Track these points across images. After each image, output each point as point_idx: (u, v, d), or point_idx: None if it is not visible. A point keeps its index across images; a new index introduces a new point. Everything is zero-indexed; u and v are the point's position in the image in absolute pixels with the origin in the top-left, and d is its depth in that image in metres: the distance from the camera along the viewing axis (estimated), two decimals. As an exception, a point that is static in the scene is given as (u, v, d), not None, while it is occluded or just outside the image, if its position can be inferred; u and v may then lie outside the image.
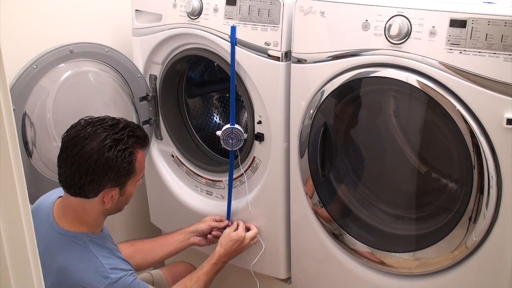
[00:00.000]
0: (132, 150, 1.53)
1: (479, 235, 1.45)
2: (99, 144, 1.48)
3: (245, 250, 1.96)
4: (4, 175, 0.75)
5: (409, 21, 1.44)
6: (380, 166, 1.91)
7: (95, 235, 1.56)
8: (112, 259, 1.54)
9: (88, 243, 1.53)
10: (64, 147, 1.51)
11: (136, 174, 1.57)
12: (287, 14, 1.68)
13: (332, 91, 1.63)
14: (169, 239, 1.98)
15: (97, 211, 1.55)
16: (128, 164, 1.51)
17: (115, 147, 1.49)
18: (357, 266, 1.77)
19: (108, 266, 1.50)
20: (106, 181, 1.50)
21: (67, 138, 1.52)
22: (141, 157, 1.58)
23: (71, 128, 1.55)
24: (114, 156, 1.48)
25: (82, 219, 1.55)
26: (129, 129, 1.55)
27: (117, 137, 1.51)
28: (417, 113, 1.64)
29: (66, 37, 1.93)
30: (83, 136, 1.49)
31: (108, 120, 1.56)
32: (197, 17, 1.89)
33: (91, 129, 1.50)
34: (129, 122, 1.59)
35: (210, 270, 1.84)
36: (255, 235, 1.98)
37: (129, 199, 1.63)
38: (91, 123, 1.53)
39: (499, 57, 1.30)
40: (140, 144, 1.57)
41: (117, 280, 1.49)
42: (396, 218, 1.76)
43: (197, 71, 2.28)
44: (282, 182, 1.88)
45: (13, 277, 0.79)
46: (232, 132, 1.90)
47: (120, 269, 1.53)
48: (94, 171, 1.47)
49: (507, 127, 1.32)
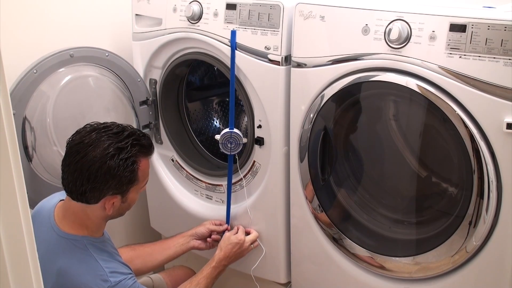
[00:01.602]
0: (135, 159, 1.52)
1: (479, 239, 1.45)
2: (102, 152, 1.47)
3: (245, 254, 1.95)
4: (4, 179, 0.75)
5: (409, 25, 1.44)
6: (380, 170, 1.91)
7: (96, 239, 1.56)
8: (112, 263, 1.54)
9: (89, 246, 1.53)
10: (68, 153, 1.52)
11: (139, 182, 1.57)
12: (287, 18, 1.68)
13: (332, 95, 1.63)
14: (169, 243, 1.98)
15: (98, 216, 1.55)
16: (130, 173, 1.51)
17: (118, 155, 1.49)
18: (357, 270, 1.77)
19: (108, 269, 1.50)
20: (107, 189, 1.50)
21: (72, 144, 1.52)
22: (144, 165, 1.57)
23: (77, 133, 1.55)
24: (116, 164, 1.48)
25: (83, 223, 1.55)
26: (134, 137, 1.54)
27: (120, 146, 1.50)
28: (417, 118, 1.64)
29: (66, 41, 1.93)
30: (87, 142, 1.49)
31: (114, 127, 1.55)
32: (197, 21, 1.89)
33: (96, 136, 1.50)
34: (134, 130, 1.59)
35: (210, 274, 1.84)
36: (255, 239, 1.98)
37: (131, 206, 1.62)
38: (97, 129, 1.53)
39: (499, 61, 1.30)
40: (143, 153, 1.57)
41: (117, 283, 1.49)
42: (396, 222, 1.76)
43: (197, 75, 2.29)
44: (282, 186, 1.88)
45: (13, 281, 0.79)
46: (231, 136, 1.90)
47: (120, 272, 1.53)
48: (95, 178, 1.47)
49: (507, 132, 1.32)
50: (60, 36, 2.09)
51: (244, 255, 1.95)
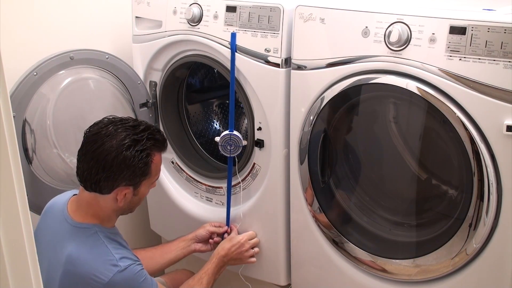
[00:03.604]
0: (149, 152, 1.58)
1: (479, 242, 1.45)
2: (118, 143, 1.53)
3: (246, 257, 1.96)
4: (4, 182, 0.75)
5: (409, 28, 1.44)
6: (380, 172, 1.91)
7: (107, 229, 1.61)
8: (121, 250, 1.59)
9: (100, 233, 1.58)
10: (85, 142, 1.57)
11: (151, 176, 1.62)
12: (287, 20, 1.68)
13: (332, 97, 1.64)
14: (169, 247, 1.99)
15: (110, 207, 1.60)
16: (144, 165, 1.56)
17: (134, 147, 1.54)
18: (357, 273, 1.76)
19: (118, 255, 1.55)
20: (121, 179, 1.54)
21: (89, 134, 1.58)
22: (157, 160, 1.62)
23: (94, 125, 1.60)
24: (132, 155, 1.53)
25: (96, 213, 1.60)
26: (149, 131, 1.60)
27: (137, 138, 1.56)
28: (417, 120, 1.64)
29: (66, 43, 1.94)
30: (104, 133, 1.55)
31: (130, 121, 1.62)
32: (197, 23, 1.89)
33: (113, 128, 1.56)
34: (149, 125, 1.64)
35: (210, 269, 1.87)
36: (254, 235, 1.98)
37: (141, 200, 1.67)
38: (113, 122, 1.59)
39: (499, 64, 1.30)
40: (158, 147, 1.62)
41: (126, 268, 1.53)
42: (396, 224, 1.76)
43: (197, 78, 2.29)
44: (282, 188, 1.88)
45: (13, 283, 0.79)
46: (230, 138, 1.90)
47: (129, 258, 1.57)
48: (111, 167, 1.52)
49: (507, 134, 1.32)
50: (60, 38, 2.09)
51: (245, 258, 1.96)
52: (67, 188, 1.78)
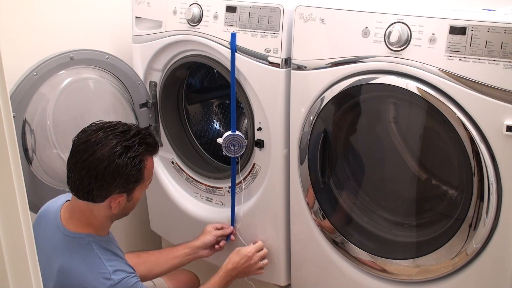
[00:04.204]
0: (142, 158, 1.54)
1: (479, 242, 1.45)
2: (109, 151, 1.48)
3: (254, 269, 1.92)
4: (4, 182, 0.75)
5: (409, 28, 1.44)
6: (380, 172, 1.91)
7: (101, 237, 1.57)
8: (115, 261, 1.55)
9: (93, 244, 1.54)
10: (75, 151, 1.52)
11: (144, 181, 1.58)
12: (287, 21, 1.68)
13: (332, 97, 1.64)
14: (175, 252, 1.95)
15: (104, 215, 1.57)
16: (137, 171, 1.52)
17: (126, 154, 1.50)
18: (357, 273, 1.76)
19: (111, 268, 1.51)
20: (114, 187, 1.51)
21: (78, 142, 1.53)
22: (150, 164, 1.59)
23: (82, 132, 1.55)
24: (124, 163, 1.49)
25: (89, 222, 1.56)
26: (140, 136, 1.56)
27: (128, 144, 1.51)
28: (417, 120, 1.64)
29: (66, 44, 1.94)
30: (94, 141, 1.50)
31: (120, 126, 1.57)
32: (197, 24, 1.89)
33: (103, 135, 1.51)
34: (140, 129, 1.60)
35: (217, 283, 1.83)
36: (262, 246, 1.95)
37: (136, 205, 1.64)
38: (103, 128, 1.54)
39: (499, 64, 1.30)
40: (149, 152, 1.59)
41: (119, 281, 1.50)
42: (396, 225, 1.76)
43: (197, 78, 2.29)
44: (282, 188, 1.88)
45: (13, 285, 0.79)
46: (234, 138, 1.90)
47: (123, 270, 1.54)
48: (103, 177, 1.48)
49: (507, 134, 1.32)
50: (60, 38, 2.10)
51: (253, 270, 1.92)
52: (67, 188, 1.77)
